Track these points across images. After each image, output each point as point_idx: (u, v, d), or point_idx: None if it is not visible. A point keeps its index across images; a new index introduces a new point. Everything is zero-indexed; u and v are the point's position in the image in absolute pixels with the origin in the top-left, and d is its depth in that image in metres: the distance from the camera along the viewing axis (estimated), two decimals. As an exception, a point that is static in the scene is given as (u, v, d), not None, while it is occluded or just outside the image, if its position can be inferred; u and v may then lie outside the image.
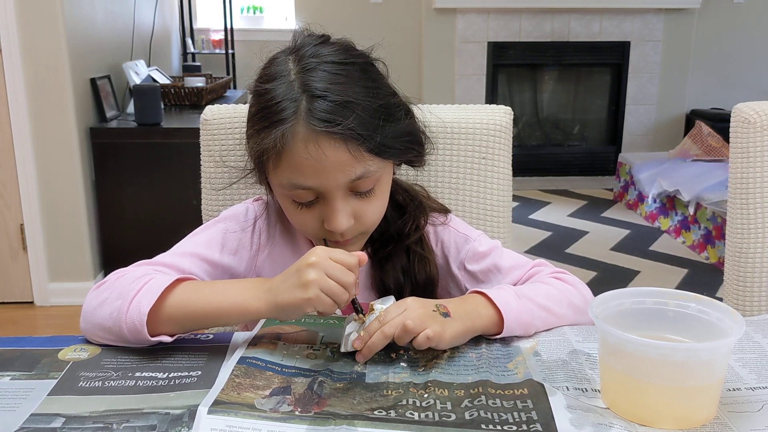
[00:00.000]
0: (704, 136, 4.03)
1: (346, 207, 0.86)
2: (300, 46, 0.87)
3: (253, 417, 0.64)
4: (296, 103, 0.81)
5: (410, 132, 0.89)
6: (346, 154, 0.81)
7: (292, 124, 0.81)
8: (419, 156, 0.94)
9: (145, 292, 0.79)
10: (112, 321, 0.79)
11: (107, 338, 0.82)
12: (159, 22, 3.85)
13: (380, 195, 0.89)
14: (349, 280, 0.76)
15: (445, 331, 0.77)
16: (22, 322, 2.72)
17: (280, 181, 0.86)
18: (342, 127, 0.80)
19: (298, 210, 0.88)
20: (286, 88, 0.83)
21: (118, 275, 0.85)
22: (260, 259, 0.98)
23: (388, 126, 0.84)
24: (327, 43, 0.88)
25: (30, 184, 2.72)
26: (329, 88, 0.81)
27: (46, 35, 2.60)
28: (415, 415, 0.66)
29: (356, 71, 0.85)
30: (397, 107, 0.87)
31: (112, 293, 0.82)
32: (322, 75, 0.83)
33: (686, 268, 3.24)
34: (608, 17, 4.63)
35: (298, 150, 0.81)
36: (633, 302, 0.73)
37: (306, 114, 0.81)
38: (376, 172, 0.85)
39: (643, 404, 0.65)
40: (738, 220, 1.16)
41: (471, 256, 0.98)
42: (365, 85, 0.84)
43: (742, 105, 1.16)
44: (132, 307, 0.78)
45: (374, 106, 0.83)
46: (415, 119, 0.92)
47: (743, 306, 1.16)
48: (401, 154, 0.89)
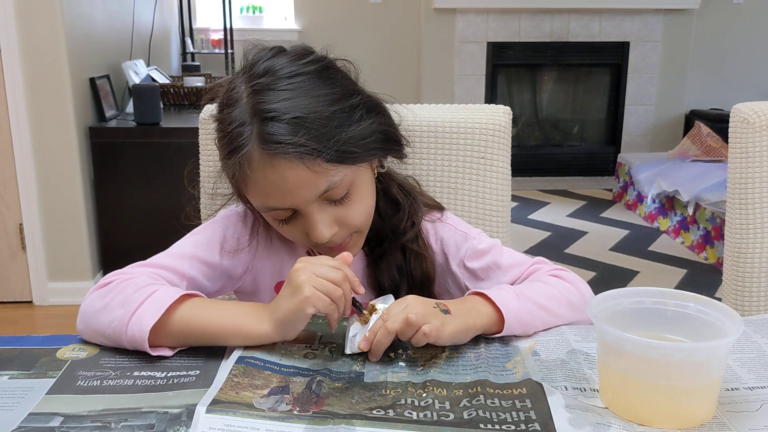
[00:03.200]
0: (703, 136, 4.03)
1: (325, 217, 0.85)
2: (251, 64, 0.86)
3: (251, 416, 0.64)
4: (249, 128, 0.80)
5: (375, 131, 0.86)
6: (306, 172, 0.80)
7: (247, 150, 0.80)
8: (393, 152, 0.92)
9: (148, 307, 0.78)
10: (111, 330, 0.79)
11: (104, 342, 0.81)
12: (158, 22, 3.85)
13: (359, 197, 0.87)
14: (337, 276, 0.76)
15: (445, 326, 0.77)
16: (21, 322, 2.72)
17: (256, 204, 0.87)
18: (294, 146, 0.78)
19: (282, 226, 0.88)
20: (239, 112, 0.82)
21: (120, 279, 0.84)
22: (258, 260, 0.98)
23: (347, 130, 0.82)
24: (280, 55, 0.86)
25: (29, 184, 2.72)
26: (278, 107, 0.80)
27: (46, 35, 2.60)
28: (413, 414, 0.66)
29: (308, 80, 0.83)
30: (356, 108, 0.84)
31: (114, 299, 0.81)
32: (271, 95, 0.81)
33: (685, 268, 3.24)
34: (607, 17, 4.63)
35: (257, 176, 0.81)
36: (632, 302, 0.73)
37: (258, 138, 0.80)
38: (343, 180, 0.83)
39: (641, 404, 0.65)
40: (737, 220, 1.16)
41: (471, 254, 0.98)
42: (317, 94, 0.82)
43: (741, 105, 1.16)
44: (134, 321, 0.77)
45: (327, 114, 0.81)
46: (383, 115, 0.89)
47: (742, 306, 1.16)
48: (367, 156, 0.86)
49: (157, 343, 0.78)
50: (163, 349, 0.79)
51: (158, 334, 0.78)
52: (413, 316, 0.75)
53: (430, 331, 0.75)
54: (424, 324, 0.75)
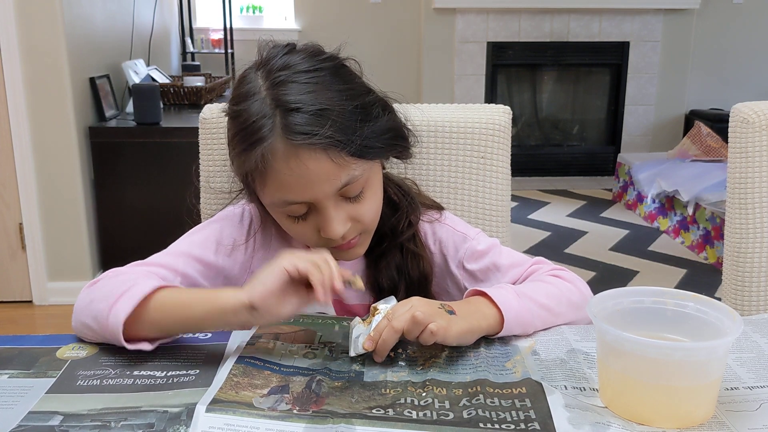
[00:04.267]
0: (703, 136, 4.03)
1: (340, 213, 0.85)
2: (267, 59, 0.86)
3: (251, 416, 0.64)
4: (271, 120, 0.80)
5: (391, 128, 0.88)
6: (329, 163, 0.80)
7: (270, 142, 0.80)
8: (404, 150, 0.93)
9: (125, 299, 0.78)
10: (96, 323, 0.79)
11: (94, 338, 0.82)
12: (158, 22, 3.85)
13: (372, 195, 0.89)
14: (320, 258, 0.75)
15: (451, 326, 0.76)
16: (20, 322, 2.72)
17: (271, 200, 0.86)
18: (320, 137, 0.79)
19: (294, 223, 0.88)
20: (259, 105, 0.82)
21: (110, 275, 0.85)
22: (255, 261, 0.98)
23: (367, 126, 0.83)
24: (294, 52, 0.86)
25: (29, 184, 2.72)
26: (301, 99, 0.80)
27: (46, 34, 2.60)
28: (413, 414, 0.66)
29: (327, 76, 0.84)
30: (373, 105, 0.86)
31: (98, 294, 0.81)
32: (293, 86, 0.81)
33: (685, 268, 3.24)
34: (607, 17, 4.63)
35: (280, 167, 0.81)
36: (631, 301, 0.73)
37: (282, 129, 0.80)
38: (362, 174, 0.84)
39: (641, 403, 0.65)
40: (736, 220, 1.16)
41: (470, 255, 0.98)
42: (338, 89, 0.83)
43: (740, 105, 1.16)
44: (111, 314, 0.77)
45: (349, 108, 0.82)
46: (394, 114, 0.91)
47: (741, 306, 1.16)
48: (385, 152, 0.88)
49: (138, 334, 0.78)
50: (143, 344, 0.78)
51: (137, 325, 0.77)
52: (420, 314, 0.74)
53: (438, 329, 0.74)
54: (431, 323, 0.75)
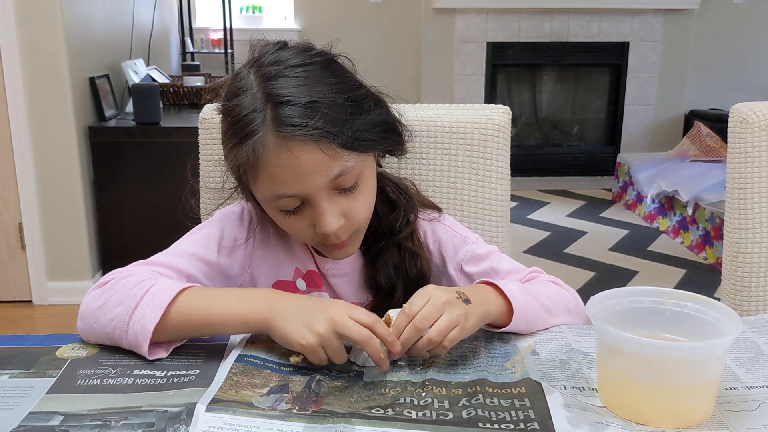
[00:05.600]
0: (703, 136, 4.03)
1: (334, 207, 0.85)
2: (259, 56, 0.87)
3: (251, 415, 0.64)
4: (262, 113, 0.81)
5: (383, 122, 0.88)
6: (320, 155, 0.81)
7: (261, 134, 0.80)
8: (397, 145, 0.94)
9: (147, 303, 0.78)
10: (111, 328, 0.78)
11: (104, 342, 0.81)
12: (158, 22, 3.85)
13: (366, 189, 0.88)
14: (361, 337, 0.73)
15: (468, 320, 0.77)
16: (20, 321, 2.72)
17: (264, 195, 0.86)
18: (310, 128, 0.79)
19: (287, 219, 0.88)
20: (251, 100, 0.82)
21: (118, 276, 0.84)
22: (255, 260, 0.98)
23: (358, 118, 0.83)
24: (285, 48, 0.87)
25: (28, 183, 2.72)
26: (292, 92, 0.81)
27: (45, 34, 2.60)
28: (412, 413, 0.66)
29: (318, 70, 0.84)
30: (364, 99, 0.86)
31: (112, 297, 0.80)
32: (284, 80, 0.82)
33: (684, 268, 3.25)
34: (607, 17, 4.63)
35: (271, 160, 0.81)
36: (630, 301, 0.73)
37: (273, 122, 0.80)
38: (354, 167, 0.84)
39: (640, 403, 0.65)
40: (736, 220, 1.16)
41: (469, 258, 0.98)
42: (328, 82, 0.83)
43: (740, 105, 1.16)
44: (134, 320, 0.77)
45: (340, 101, 0.82)
46: (387, 109, 0.91)
47: (741, 306, 1.16)
48: (377, 145, 0.88)
49: (157, 339, 0.78)
50: (159, 351, 0.78)
51: (158, 331, 0.77)
52: (435, 335, 0.74)
53: (458, 335, 0.75)
54: (447, 340, 0.75)
